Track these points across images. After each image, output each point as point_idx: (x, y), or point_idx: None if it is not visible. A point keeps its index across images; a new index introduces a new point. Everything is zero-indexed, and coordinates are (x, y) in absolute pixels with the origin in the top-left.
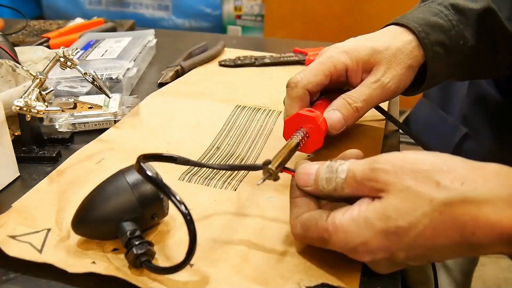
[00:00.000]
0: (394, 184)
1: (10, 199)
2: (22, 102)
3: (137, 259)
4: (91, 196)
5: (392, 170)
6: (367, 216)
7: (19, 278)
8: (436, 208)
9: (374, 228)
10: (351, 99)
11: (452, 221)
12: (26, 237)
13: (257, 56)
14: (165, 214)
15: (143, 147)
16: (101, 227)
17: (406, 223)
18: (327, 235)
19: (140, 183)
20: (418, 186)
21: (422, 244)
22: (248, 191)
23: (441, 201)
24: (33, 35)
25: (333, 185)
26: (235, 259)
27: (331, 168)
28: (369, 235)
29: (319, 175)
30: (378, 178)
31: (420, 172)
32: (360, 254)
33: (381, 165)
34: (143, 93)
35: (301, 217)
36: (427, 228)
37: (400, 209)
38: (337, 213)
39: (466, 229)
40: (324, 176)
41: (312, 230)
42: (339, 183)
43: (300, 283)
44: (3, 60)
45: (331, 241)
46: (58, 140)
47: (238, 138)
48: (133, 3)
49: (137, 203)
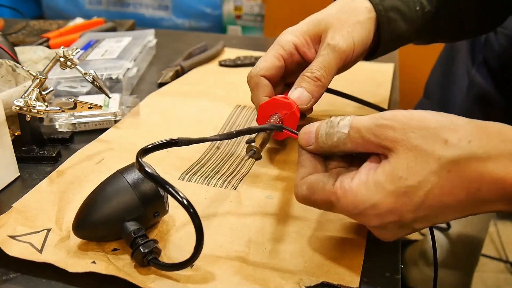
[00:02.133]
0: (403, 142)
1: (10, 199)
2: (22, 102)
3: (145, 258)
4: (91, 199)
5: (399, 127)
6: (377, 179)
7: (19, 278)
8: (444, 166)
9: (384, 190)
10: (308, 71)
11: (460, 178)
12: (26, 237)
13: (257, 56)
14: (166, 212)
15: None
16: (104, 228)
17: (415, 182)
18: (335, 198)
19: (140, 182)
20: (427, 144)
21: (430, 204)
22: (248, 190)
23: (449, 159)
24: (33, 35)
25: (334, 139)
26: (235, 259)
27: (331, 123)
28: (379, 197)
29: (319, 131)
30: (385, 134)
31: (427, 130)
32: (369, 218)
33: (388, 122)
34: (143, 93)
35: (308, 178)
36: (435, 186)
37: (410, 168)
38: (345, 177)
39: (472, 186)
40: (324, 131)
41: (318, 193)
42: (341, 138)
43: (300, 283)
44: (3, 60)
45: (339, 205)
46: (58, 140)
47: (238, 138)
48: (133, 3)
49: (139, 202)
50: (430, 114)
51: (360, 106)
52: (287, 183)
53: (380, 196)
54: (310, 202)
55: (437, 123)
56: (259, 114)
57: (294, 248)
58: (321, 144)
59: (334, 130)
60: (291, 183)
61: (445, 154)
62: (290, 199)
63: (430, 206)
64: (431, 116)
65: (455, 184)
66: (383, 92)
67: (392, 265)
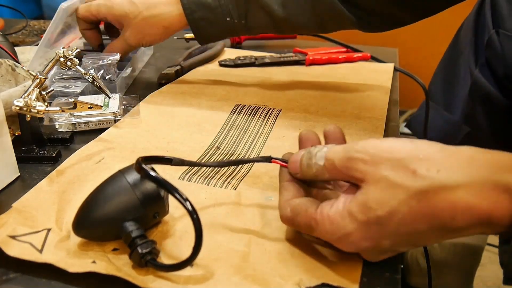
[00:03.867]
0: (373, 174)
1: (10, 199)
2: (22, 102)
3: (143, 258)
4: (91, 198)
5: (369, 159)
6: (350, 209)
7: (19, 278)
8: (413, 196)
9: (356, 220)
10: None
11: (430, 208)
12: (26, 237)
13: (257, 56)
14: (166, 212)
15: (143, 147)
16: (103, 228)
17: (385, 212)
18: (315, 223)
19: (141, 182)
20: (395, 175)
21: (404, 231)
22: (248, 190)
23: (417, 189)
24: (33, 35)
25: (313, 171)
26: (235, 259)
27: (309, 154)
28: (352, 227)
29: (302, 161)
30: (356, 167)
31: (396, 161)
32: (344, 244)
33: (358, 155)
34: (143, 93)
35: (293, 201)
36: (406, 215)
37: (379, 199)
38: (326, 204)
39: (445, 215)
40: (305, 162)
41: (301, 215)
42: (319, 169)
43: (300, 283)
44: (3, 60)
45: (318, 229)
46: (58, 140)
47: (238, 137)
48: None
49: (139, 202)
50: (400, 143)
51: (359, 105)
52: None
53: (353, 226)
54: (293, 224)
55: (406, 153)
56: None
57: (294, 248)
58: (304, 174)
59: (312, 162)
60: None
61: (414, 185)
62: None
63: (406, 233)
64: (401, 145)
65: (426, 212)
66: (383, 92)
67: (392, 265)
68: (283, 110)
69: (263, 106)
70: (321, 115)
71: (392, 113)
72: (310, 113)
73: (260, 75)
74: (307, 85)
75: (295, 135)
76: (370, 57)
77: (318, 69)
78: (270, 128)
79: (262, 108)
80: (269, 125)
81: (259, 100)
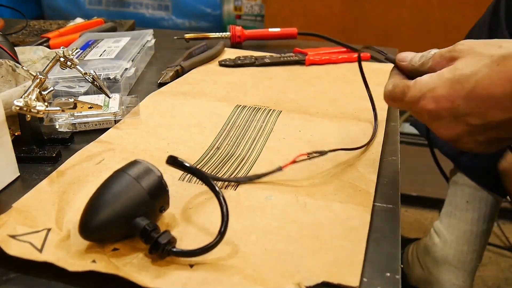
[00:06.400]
0: (467, 51)
1: (10, 199)
2: (22, 102)
3: (164, 249)
4: (96, 200)
5: (468, 43)
6: (440, 72)
7: (19, 278)
8: (495, 60)
9: (443, 77)
10: None
11: (507, 71)
12: (27, 236)
13: (257, 56)
14: (168, 206)
15: (143, 148)
16: (116, 228)
17: (469, 71)
18: (407, 89)
19: (144, 176)
20: (485, 49)
21: (479, 94)
22: (248, 190)
23: (500, 55)
24: (33, 35)
25: (422, 60)
26: (235, 259)
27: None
28: (437, 82)
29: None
30: (455, 48)
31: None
32: (427, 100)
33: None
34: (143, 93)
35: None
36: (485, 75)
37: (467, 63)
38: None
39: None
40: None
41: (399, 87)
42: (428, 57)
43: (300, 283)
44: (3, 60)
45: (409, 93)
46: (58, 140)
47: (238, 138)
48: (133, 3)
49: (148, 195)
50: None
51: (359, 106)
52: (287, 184)
53: (438, 82)
54: (391, 95)
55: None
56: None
57: (294, 248)
58: (412, 62)
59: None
60: (291, 184)
61: (498, 52)
62: (290, 200)
63: (479, 95)
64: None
65: (502, 76)
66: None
67: (392, 265)
68: (283, 111)
69: (263, 107)
70: (321, 116)
71: (392, 113)
72: (310, 115)
73: (260, 75)
74: (307, 85)
75: (295, 136)
76: (370, 57)
77: (318, 69)
78: (270, 129)
79: (262, 109)
80: (269, 126)
81: (259, 100)
